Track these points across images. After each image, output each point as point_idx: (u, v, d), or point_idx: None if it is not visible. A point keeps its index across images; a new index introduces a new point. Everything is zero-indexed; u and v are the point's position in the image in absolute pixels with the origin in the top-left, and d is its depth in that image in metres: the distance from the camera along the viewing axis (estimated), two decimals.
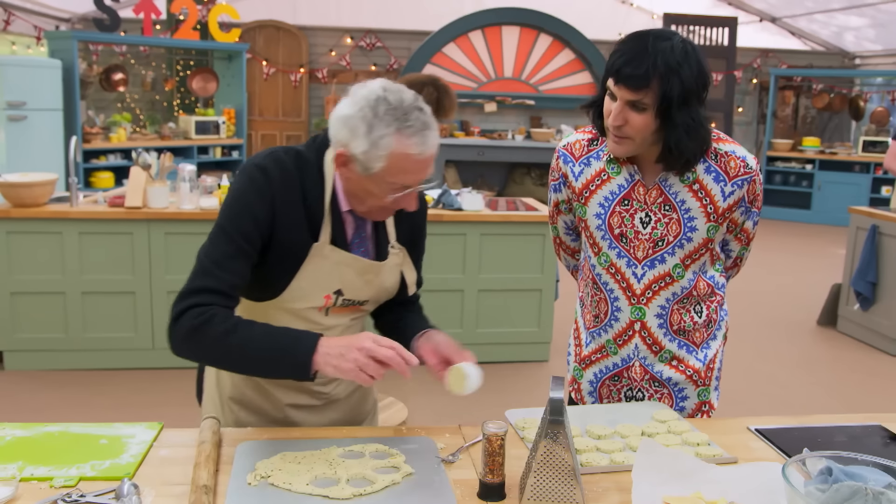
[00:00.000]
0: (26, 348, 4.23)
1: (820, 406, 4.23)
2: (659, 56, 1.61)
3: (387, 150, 1.45)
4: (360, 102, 1.48)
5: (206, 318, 1.45)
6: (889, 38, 10.44)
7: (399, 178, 1.49)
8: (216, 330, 1.45)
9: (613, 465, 1.52)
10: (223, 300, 1.49)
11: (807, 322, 5.83)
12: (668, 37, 1.65)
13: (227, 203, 1.56)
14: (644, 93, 1.63)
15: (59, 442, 1.53)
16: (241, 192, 1.55)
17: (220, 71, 9.14)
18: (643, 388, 1.89)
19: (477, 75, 10.11)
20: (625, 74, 1.63)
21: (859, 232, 5.43)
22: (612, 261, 1.84)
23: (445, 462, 1.51)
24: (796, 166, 10.44)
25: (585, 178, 1.87)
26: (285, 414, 1.74)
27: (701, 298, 1.85)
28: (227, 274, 1.50)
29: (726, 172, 1.77)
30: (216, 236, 1.54)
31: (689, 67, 1.63)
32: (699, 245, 1.79)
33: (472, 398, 1.65)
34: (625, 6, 10.81)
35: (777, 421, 1.77)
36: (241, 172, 1.58)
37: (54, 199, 4.36)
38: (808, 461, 1.33)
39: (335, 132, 1.51)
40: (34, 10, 8.35)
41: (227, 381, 1.74)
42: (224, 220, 1.54)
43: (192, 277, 1.51)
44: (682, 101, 1.63)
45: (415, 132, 1.46)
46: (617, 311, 1.86)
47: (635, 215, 1.80)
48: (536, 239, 4.58)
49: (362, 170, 1.49)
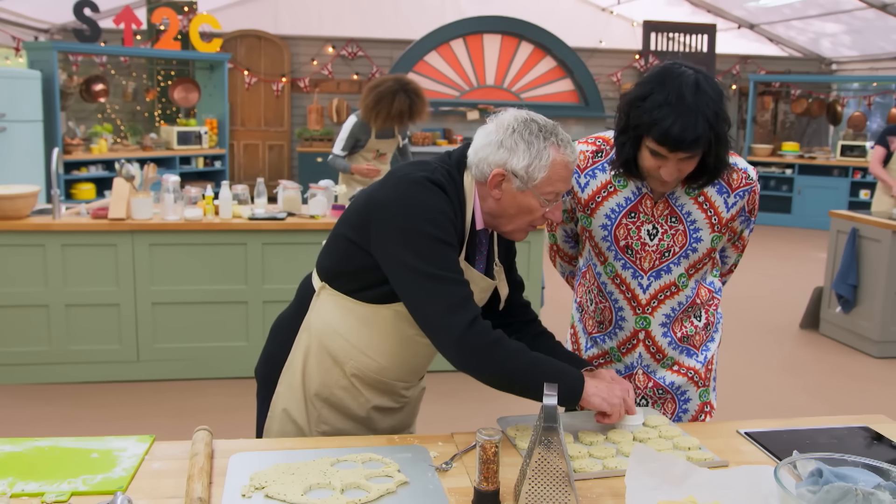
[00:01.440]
0: (9, 362, 4.18)
1: (804, 408, 4.27)
2: (703, 113, 1.61)
3: (548, 160, 1.59)
4: (511, 125, 1.61)
5: (498, 334, 1.56)
6: (864, 45, 10.60)
7: (556, 186, 1.62)
8: (510, 349, 1.56)
9: (606, 470, 1.53)
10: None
11: (789, 325, 5.88)
12: (703, 91, 1.62)
13: (415, 215, 1.55)
14: (697, 151, 1.66)
15: (49, 457, 1.52)
16: (428, 202, 1.56)
17: (202, 81, 9.11)
18: (647, 395, 1.91)
19: (459, 83, 10.14)
20: (683, 141, 1.61)
21: (840, 235, 5.50)
22: (617, 272, 1.87)
23: (439, 470, 1.51)
24: (776, 171, 10.55)
25: (591, 190, 1.87)
26: (368, 414, 1.78)
27: (702, 305, 1.88)
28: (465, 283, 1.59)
29: (729, 185, 1.81)
30: (433, 247, 1.55)
31: (722, 106, 1.65)
32: (703, 255, 1.82)
33: (462, 405, 1.66)
34: (605, 14, 10.89)
35: (765, 424, 1.79)
36: (415, 185, 1.58)
37: (36, 212, 4.32)
38: (798, 463, 1.35)
39: (486, 155, 1.61)
40: (13, 21, 8.29)
41: (315, 378, 1.75)
42: (430, 229, 1.55)
43: (444, 290, 1.54)
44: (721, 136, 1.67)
45: (566, 143, 1.62)
46: (621, 321, 1.89)
47: (642, 227, 1.82)
48: (521, 246, 4.59)
49: (521, 184, 1.60)
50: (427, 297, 1.55)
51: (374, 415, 1.80)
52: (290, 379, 1.77)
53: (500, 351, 1.54)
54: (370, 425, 1.80)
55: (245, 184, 4.87)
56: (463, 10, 10.20)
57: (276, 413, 1.78)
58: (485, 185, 1.64)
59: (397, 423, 1.86)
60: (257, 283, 4.32)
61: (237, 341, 4.38)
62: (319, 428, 1.76)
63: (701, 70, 1.67)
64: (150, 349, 4.30)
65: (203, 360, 4.37)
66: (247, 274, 4.31)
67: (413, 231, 1.55)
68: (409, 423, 1.93)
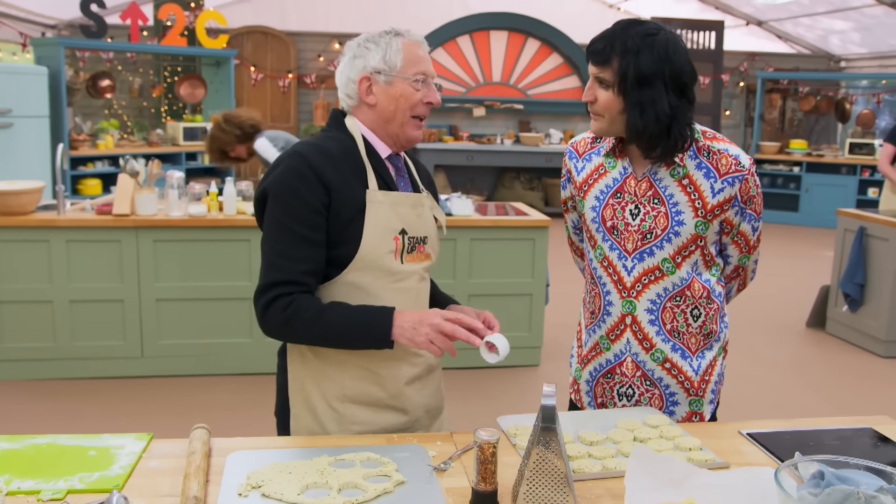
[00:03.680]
0: (13, 358, 4.19)
1: (810, 407, 4.25)
2: (620, 37, 1.73)
3: (399, 46, 1.72)
4: (355, 42, 1.76)
5: (293, 308, 1.61)
6: (874, 42, 10.53)
7: (419, 66, 1.74)
8: (304, 318, 1.62)
9: (606, 471, 1.52)
10: (300, 287, 1.64)
11: (796, 324, 5.85)
12: (640, 24, 1.77)
13: (275, 196, 1.65)
14: (605, 69, 1.75)
15: (46, 454, 1.51)
16: (284, 183, 1.65)
17: (208, 77, 9.12)
18: (634, 384, 1.89)
19: (465, 80, 10.12)
20: (589, 50, 1.78)
21: (847, 234, 5.46)
22: (605, 253, 1.88)
23: (437, 470, 1.50)
24: (784, 169, 10.50)
25: (586, 173, 1.93)
26: (401, 391, 1.76)
27: (697, 301, 1.85)
28: (297, 263, 1.64)
29: (717, 169, 1.79)
30: (276, 231, 1.65)
31: (649, 52, 1.72)
32: (688, 241, 1.80)
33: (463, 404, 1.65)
34: (613, 10, 10.85)
35: (768, 425, 1.78)
36: (279, 165, 1.68)
37: (41, 207, 4.33)
38: (800, 465, 1.33)
39: (347, 76, 1.75)
40: (20, 17, 8.30)
41: (336, 384, 1.72)
42: (279, 214, 1.65)
43: (264, 273, 1.65)
44: (638, 82, 1.72)
45: (408, 32, 1.76)
46: (609, 305, 1.88)
47: (626, 207, 1.84)
48: (527, 244, 4.58)
49: (386, 77, 1.71)
50: (259, 277, 1.68)
51: (408, 391, 1.77)
52: (310, 394, 1.74)
53: (294, 325, 1.62)
54: (403, 406, 1.77)
55: (250, 180, 4.86)
56: (470, 6, 10.17)
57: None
58: (361, 107, 1.76)
59: (430, 398, 1.83)
60: None
61: (242, 338, 4.38)
62: (353, 430, 1.73)
63: (673, 35, 1.78)
64: (154, 345, 4.30)
65: (207, 356, 4.37)
66: (251, 270, 4.31)
67: (271, 212, 1.67)
68: (440, 402, 1.89)
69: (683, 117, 1.76)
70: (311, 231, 1.64)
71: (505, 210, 4.85)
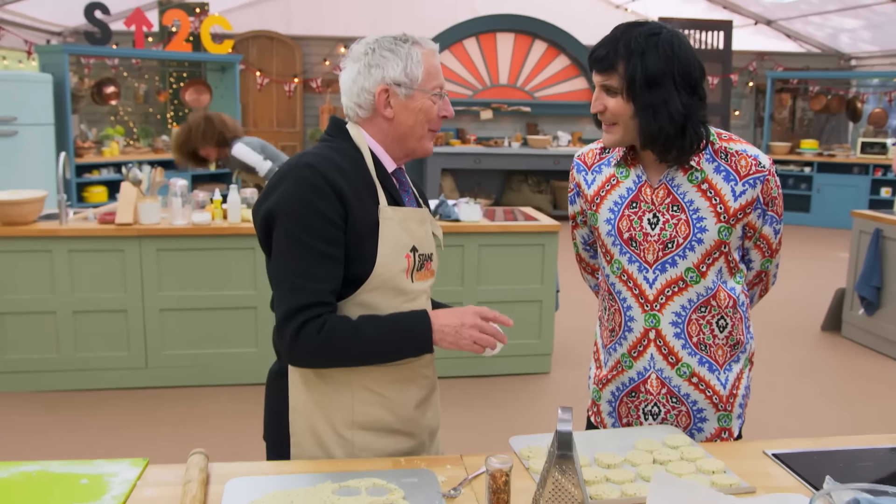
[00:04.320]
0: (16, 370, 4.14)
1: (826, 413, 4.15)
2: (623, 40, 1.66)
3: (419, 57, 1.64)
4: (367, 48, 1.65)
5: (327, 330, 1.52)
6: (885, 40, 10.40)
7: (437, 79, 1.67)
8: (342, 339, 1.53)
9: (625, 497, 1.44)
10: (328, 308, 1.55)
11: (811, 327, 5.75)
12: (641, 25, 1.69)
13: (288, 213, 1.54)
14: (610, 76, 1.68)
15: (37, 483, 1.44)
16: (298, 197, 1.54)
17: (214, 82, 9.07)
18: (660, 402, 1.80)
19: (472, 83, 10.05)
20: (592, 59, 1.71)
21: (862, 236, 5.36)
22: (623, 267, 1.79)
23: (447, 497, 1.43)
24: (795, 169, 10.38)
25: (597, 186, 1.85)
26: (411, 416, 1.69)
27: (723, 311, 1.77)
28: (321, 283, 1.54)
29: (737, 171, 1.72)
30: (293, 250, 1.54)
31: (654, 51, 1.65)
32: (711, 248, 1.72)
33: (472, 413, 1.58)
34: (619, 11, 10.76)
35: (795, 444, 1.69)
36: (286, 179, 1.57)
37: (44, 217, 4.28)
38: (834, 494, 1.25)
39: (361, 86, 1.63)
40: (24, 25, 8.28)
41: (345, 410, 1.63)
42: (295, 231, 1.54)
43: (286, 298, 1.54)
44: (647, 83, 1.65)
45: (422, 39, 1.69)
46: (630, 321, 1.79)
47: (643, 217, 1.76)
48: (536, 249, 4.50)
49: (406, 89, 1.63)
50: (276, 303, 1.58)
51: (419, 416, 1.71)
52: (313, 423, 1.64)
53: (332, 348, 1.53)
54: (411, 430, 1.70)
55: (254, 187, 4.80)
56: (476, 8, 10.11)
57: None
58: (373, 119, 1.66)
59: (432, 420, 1.77)
60: (267, 289, 4.22)
61: (246, 347, 4.31)
62: (360, 458, 1.64)
63: (676, 33, 1.69)
64: (158, 356, 4.24)
65: (212, 366, 4.31)
66: (256, 279, 4.24)
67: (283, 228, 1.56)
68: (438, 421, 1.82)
69: (697, 115, 1.69)
70: (332, 247, 1.54)
71: (514, 215, 4.77)
